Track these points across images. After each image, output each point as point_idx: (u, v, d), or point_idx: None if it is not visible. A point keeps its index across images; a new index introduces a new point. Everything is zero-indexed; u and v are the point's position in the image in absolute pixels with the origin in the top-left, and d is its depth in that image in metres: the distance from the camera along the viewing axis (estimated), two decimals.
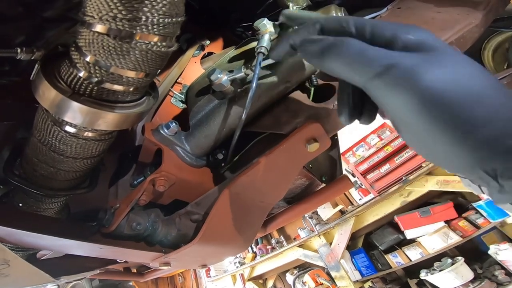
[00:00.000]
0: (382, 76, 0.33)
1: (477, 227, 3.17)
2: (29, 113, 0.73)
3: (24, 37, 0.79)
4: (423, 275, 3.25)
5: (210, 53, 1.23)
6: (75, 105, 0.58)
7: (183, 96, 1.02)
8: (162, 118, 0.96)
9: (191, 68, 1.12)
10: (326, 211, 4.25)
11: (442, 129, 0.31)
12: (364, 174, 4.45)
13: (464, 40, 0.76)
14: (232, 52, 0.85)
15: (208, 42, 1.21)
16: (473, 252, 3.31)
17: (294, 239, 4.84)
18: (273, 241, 5.17)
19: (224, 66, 0.83)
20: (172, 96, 1.01)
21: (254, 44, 0.82)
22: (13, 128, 0.87)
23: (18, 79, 0.85)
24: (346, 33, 0.39)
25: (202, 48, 1.20)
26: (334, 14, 0.82)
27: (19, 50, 0.62)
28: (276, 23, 0.94)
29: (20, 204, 0.88)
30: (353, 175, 4.59)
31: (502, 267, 2.98)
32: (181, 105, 1.02)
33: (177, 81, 1.05)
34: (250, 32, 1.31)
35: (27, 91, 0.63)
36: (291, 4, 0.88)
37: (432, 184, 3.25)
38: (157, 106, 0.97)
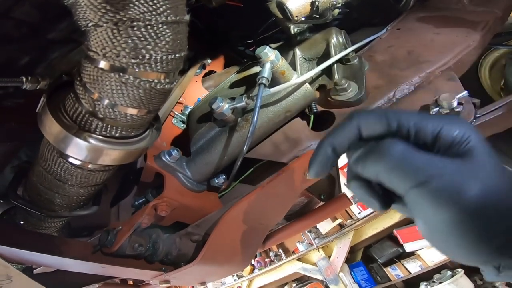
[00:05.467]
0: (425, 187, 0.32)
1: None
2: (32, 134, 0.73)
3: (28, 59, 0.78)
4: (422, 287, 3.22)
5: (211, 72, 1.23)
6: (79, 142, 0.58)
7: (184, 117, 1.03)
8: (163, 139, 0.97)
9: (192, 87, 1.12)
10: (325, 224, 4.22)
11: (474, 238, 0.31)
12: None
13: (462, 64, 0.77)
14: (233, 76, 0.87)
15: (209, 61, 1.21)
16: None
17: (293, 252, 4.78)
18: (271, 254, 5.11)
19: (225, 91, 0.85)
20: (173, 117, 1.03)
21: (255, 69, 0.83)
22: (17, 148, 0.88)
23: (22, 101, 0.85)
24: (388, 131, 0.37)
25: (204, 66, 1.20)
26: (335, 37, 0.84)
27: (24, 79, 0.63)
28: (275, 45, 0.94)
29: (22, 222, 0.89)
30: None
31: None
32: (182, 125, 1.03)
33: (178, 101, 1.06)
34: (251, 48, 1.33)
35: (30, 113, 0.63)
36: (292, 26, 0.90)
37: None
38: None
